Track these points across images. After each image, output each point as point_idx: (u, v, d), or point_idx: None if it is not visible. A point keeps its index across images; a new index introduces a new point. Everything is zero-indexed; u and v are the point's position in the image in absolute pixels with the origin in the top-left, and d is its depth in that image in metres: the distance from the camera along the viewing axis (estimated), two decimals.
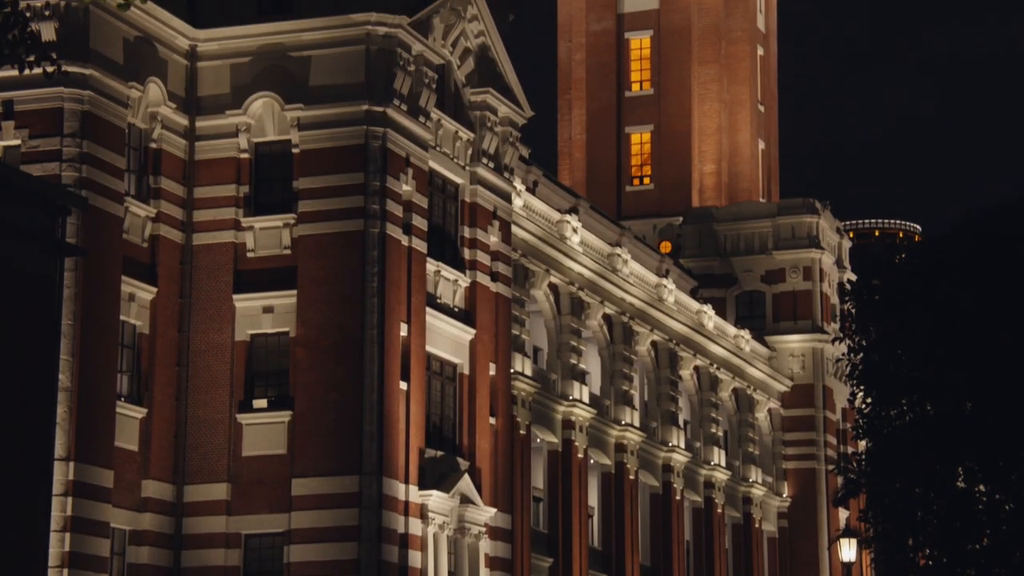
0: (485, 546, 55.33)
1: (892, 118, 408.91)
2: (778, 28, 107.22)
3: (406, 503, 51.04)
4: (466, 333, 56.19)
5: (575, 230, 68.91)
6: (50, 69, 24.10)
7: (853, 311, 40.76)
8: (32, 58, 23.74)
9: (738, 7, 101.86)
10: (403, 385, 51.59)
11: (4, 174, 32.37)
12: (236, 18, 52.76)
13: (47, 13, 47.32)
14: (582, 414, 68.07)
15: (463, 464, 54.61)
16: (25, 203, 32.27)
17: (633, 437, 72.46)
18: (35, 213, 32.53)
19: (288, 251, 51.68)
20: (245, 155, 52.64)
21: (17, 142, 47.51)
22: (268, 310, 51.56)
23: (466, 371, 56.05)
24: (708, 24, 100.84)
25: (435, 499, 52.36)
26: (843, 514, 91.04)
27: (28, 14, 46.66)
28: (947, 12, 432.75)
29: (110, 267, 47.92)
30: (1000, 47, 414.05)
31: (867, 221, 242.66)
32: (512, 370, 60.46)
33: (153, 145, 51.30)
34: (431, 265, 54.45)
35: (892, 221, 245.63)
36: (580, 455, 68.13)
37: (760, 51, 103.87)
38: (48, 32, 46.87)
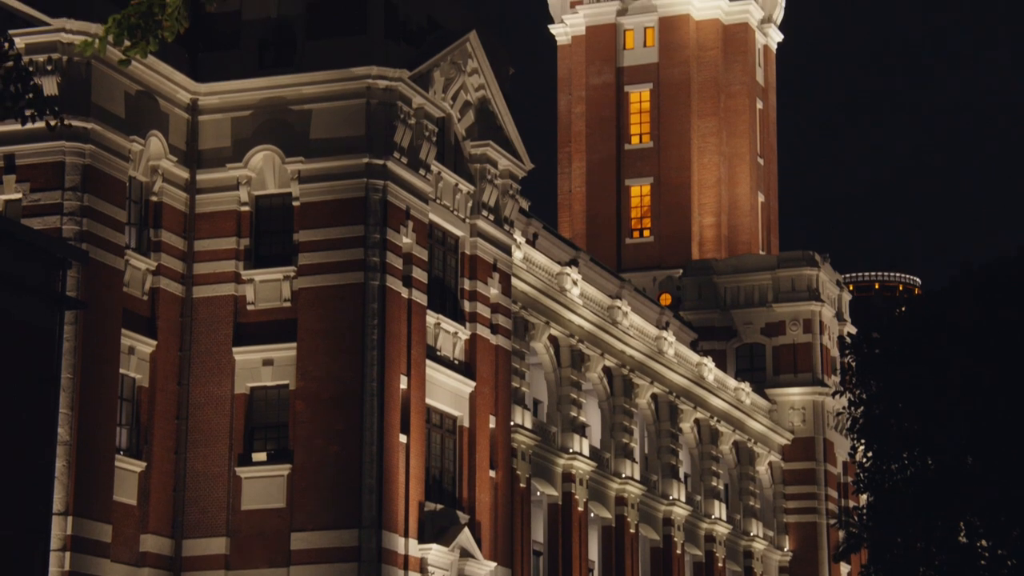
0: None
1: (891, 171, 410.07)
2: (777, 81, 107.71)
3: (406, 557, 50.80)
4: (466, 386, 56.10)
5: (575, 282, 68.94)
6: (53, 122, 24.19)
7: (853, 364, 40.73)
8: (32, 112, 23.82)
9: (737, 61, 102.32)
10: (403, 438, 51.46)
11: (5, 228, 32.41)
12: (237, 72, 52.99)
13: (49, 68, 47.53)
14: (582, 467, 67.87)
15: (463, 517, 54.40)
16: (26, 256, 32.30)
17: (633, 490, 72.23)
18: (35, 266, 32.56)
19: (288, 304, 51.68)
20: (246, 208, 52.74)
21: (18, 196, 47.61)
22: (268, 363, 51.50)
23: (466, 424, 55.92)
24: (707, 78, 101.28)
25: (435, 553, 52.12)
26: (844, 568, 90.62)
27: (31, 68, 46.94)
28: (947, 65, 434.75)
29: (110, 320, 47.89)
30: (1001, 100, 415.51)
31: (867, 274, 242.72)
32: (512, 423, 60.33)
33: (154, 198, 51.40)
34: (431, 317, 54.43)
35: (892, 274, 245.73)
36: (580, 508, 67.88)
37: (759, 104, 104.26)
38: (50, 86, 47.05)
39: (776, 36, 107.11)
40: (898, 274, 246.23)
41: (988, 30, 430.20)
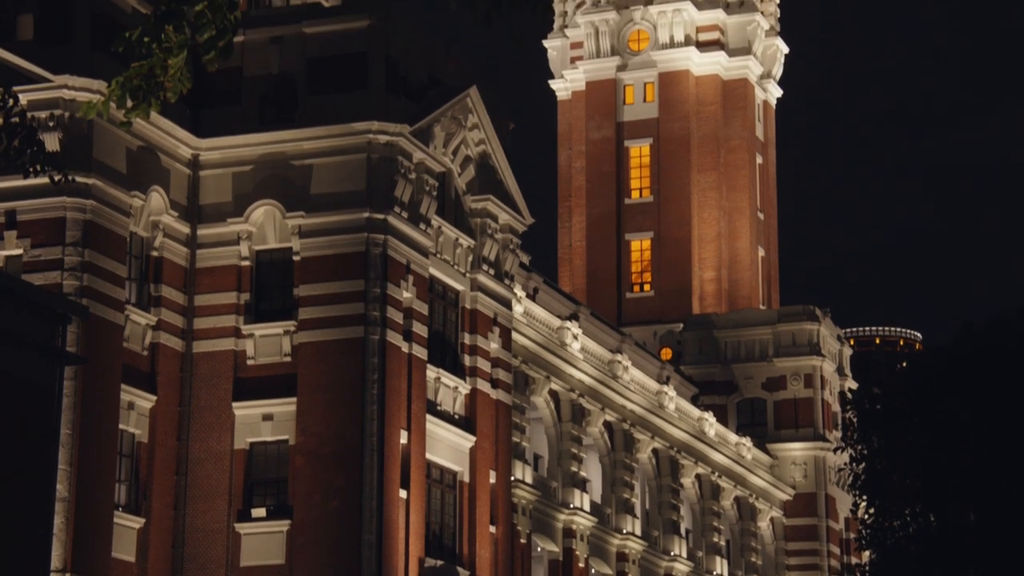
0: None
1: (892, 226, 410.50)
2: (776, 136, 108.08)
3: None
4: (466, 440, 55.95)
5: (575, 337, 68.88)
6: (57, 177, 24.24)
7: (855, 420, 40.63)
8: (36, 167, 23.86)
9: (736, 116, 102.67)
10: (403, 493, 51.26)
11: (5, 284, 32.40)
12: (238, 127, 53.13)
13: (51, 124, 47.68)
14: (583, 522, 67.58)
15: (463, 573, 54.12)
16: (26, 312, 32.29)
17: (634, 546, 71.88)
18: (36, 322, 32.54)
19: (288, 358, 51.60)
20: (246, 263, 52.76)
21: (19, 251, 47.63)
22: (268, 418, 51.37)
23: (466, 479, 55.72)
24: (707, 133, 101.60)
25: None
26: None
27: (33, 124, 47.08)
28: (947, 123, 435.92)
29: (110, 376, 47.79)
30: (1004, 157, 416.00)
31: (868, 329, 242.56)
32: (512, 478, 60.11)
33: (154, 253, 51.42)
34: (431, 372, 54.35)
35: (893, 329, 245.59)
36: (581, 564, 67.53)
37: (759, 159, 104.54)
38: (52, 143, 47.17)
39: (775, 91, 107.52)
40: (899, 329, 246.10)
41: (991, 89, 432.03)
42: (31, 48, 47.58)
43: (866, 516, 40.35)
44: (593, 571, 70.20)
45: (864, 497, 40.07)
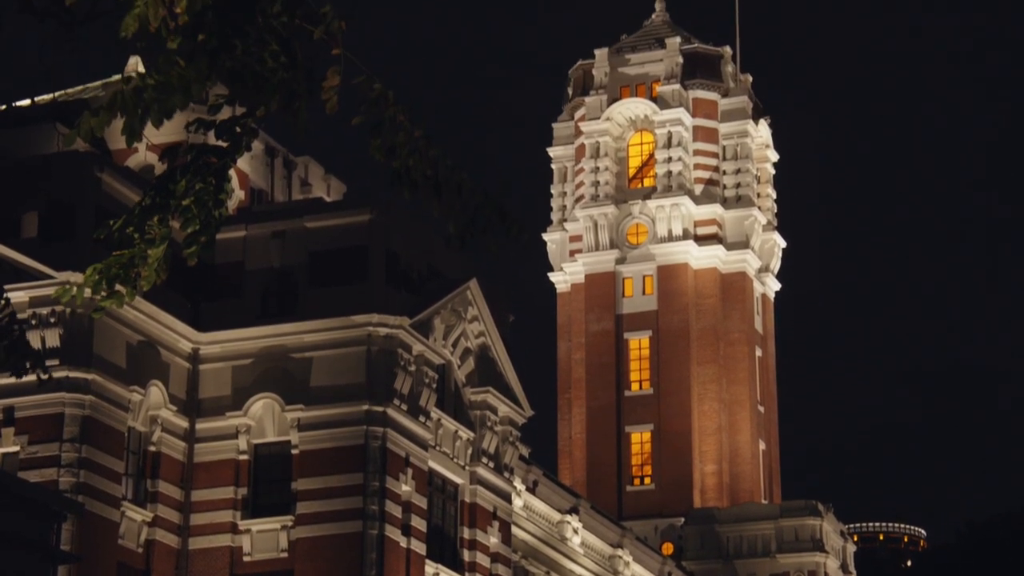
0: None
1: (894, 421, 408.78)
2: (776, 329, 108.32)
3: None
4: None
5: (576, 531, 68.13)
6: (44, 376, 24.12)
7: None
8: (26, 366, 23.77)
9: (735, 309, 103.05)
10: None
11: (1, 482, 32.13)
12: (239, 321, 53.25)
13: (52, 320, 47.80)
14: None
15: None
16: (21, 510, 31.95)
17: None
18: (31, 520, 32.17)
19: (285, 554, 50.94)
20: (244, 457, 52.41)
21: (16, 448, 47.29)
22: None
23: None
24: (706, 326, 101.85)
25: None
26: None
27: (34, 322, 47.28)
28: (935, 316, 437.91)
29: (104, 574, 47.06)
30: (1004, 354, 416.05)
31: (871, 525, 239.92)
32: None
33: (152, 448, 51.11)
34: (430, 567, 53.63)
35: (896, 525, 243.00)
36: None
37: (759, 352, 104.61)
38: (52, 339, 47.27)
39: (774, 285, 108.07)
40: (903, 525, 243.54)
41: (975, 286, 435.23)
42: (35, 245, 47.99)
43: None
44: None
45: None
